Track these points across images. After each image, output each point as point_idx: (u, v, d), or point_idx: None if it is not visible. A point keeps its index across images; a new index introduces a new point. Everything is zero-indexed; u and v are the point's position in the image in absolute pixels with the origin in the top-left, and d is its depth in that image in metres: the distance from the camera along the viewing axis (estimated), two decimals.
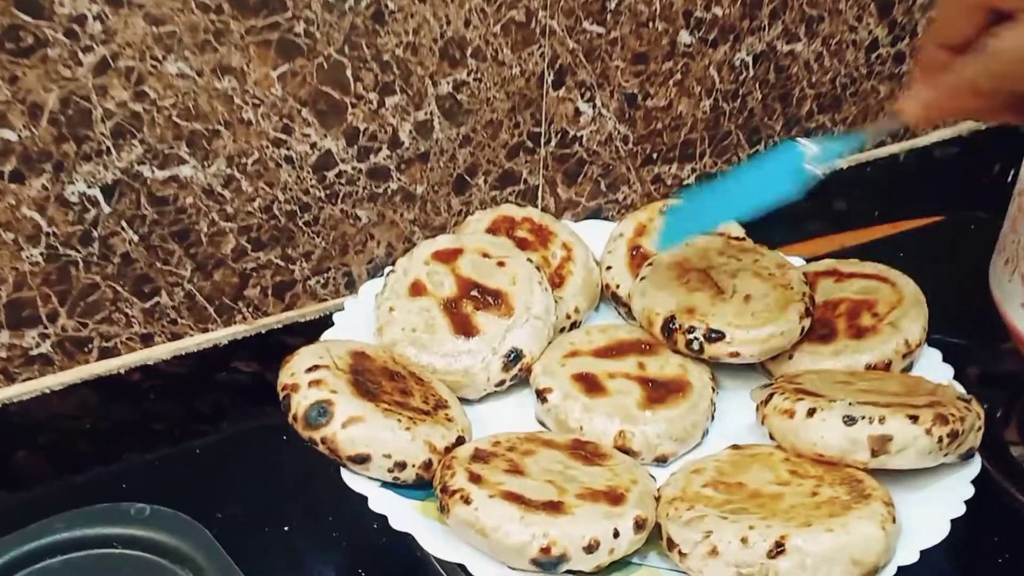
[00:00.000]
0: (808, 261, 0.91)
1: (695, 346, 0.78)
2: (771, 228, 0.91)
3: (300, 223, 0.88)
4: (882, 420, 0.67)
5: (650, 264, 0.85)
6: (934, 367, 0.80)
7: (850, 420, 0.67)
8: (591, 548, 0.63)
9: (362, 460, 0.67)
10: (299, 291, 0.92)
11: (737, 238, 0.88)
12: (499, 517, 0.62)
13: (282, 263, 0.89)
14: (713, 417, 0.78)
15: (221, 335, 0.89)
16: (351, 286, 0.93)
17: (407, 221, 0.94)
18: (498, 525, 0.62)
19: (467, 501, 0.63)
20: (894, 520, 0.64)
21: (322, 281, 0.92)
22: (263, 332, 0.91)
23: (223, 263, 0.86)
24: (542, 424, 0.77)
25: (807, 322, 0.79)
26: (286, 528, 0.76)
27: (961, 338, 0.84)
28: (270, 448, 0.76)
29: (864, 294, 0.83)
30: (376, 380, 0.71)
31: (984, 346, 0.88)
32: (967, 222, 1.13)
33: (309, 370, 0.69)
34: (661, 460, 0.74)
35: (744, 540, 0.62)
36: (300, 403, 0.68)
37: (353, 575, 0.75)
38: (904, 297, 0.82)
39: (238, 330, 0.90)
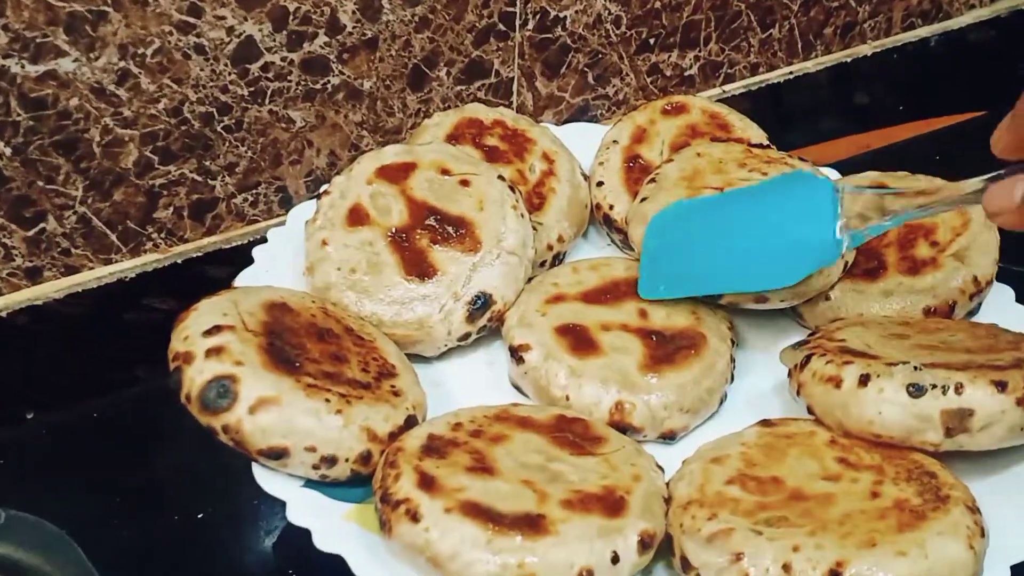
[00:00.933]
0: (843, 173, 0.83)
1: None
2: (780, 128, 0.88)
3: (219, 128, 0.83)
4: (959, 389, 0.58)
5: (653, 180, 0.78)
6: (1006, 309, 0.73)
7: (916, 390, 0.59)
8: None
9: (278, 455, 0.58)
10: (222, 211, 0.87)
11: (760, 145, 0.81)
12: (458, 541, 0.53)
13: (199, 178, 0.84)
14: (732, 378, 0.71)
15: (127, 267, 0.84)
16: (286, 204, 0.88)
17: (352, 124, 0.88)
18: (456, 552, 0.53)
19: (415, 518, 0.54)
20: (983, 533, 0.55)
21: (250, 199, 0.87)
22: (179, 262, 0.86)
23: (124, 179, 0.81)
24: (517, 389, 0.70)
25: (851, 256, 0.73)
26: (200, 516, 0.68)
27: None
28: (185, 409, 0.65)
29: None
30: (299, 343, 0.62)
31: None
32: None
33: (208, 333, 0.59)
34: (668, 436, 0.67)
35: (786, 567, 0.53)
36: (194, 379, 0.58)
37: None
38: (970, 221, 0.75)
39: (148, 260, 0.85)
